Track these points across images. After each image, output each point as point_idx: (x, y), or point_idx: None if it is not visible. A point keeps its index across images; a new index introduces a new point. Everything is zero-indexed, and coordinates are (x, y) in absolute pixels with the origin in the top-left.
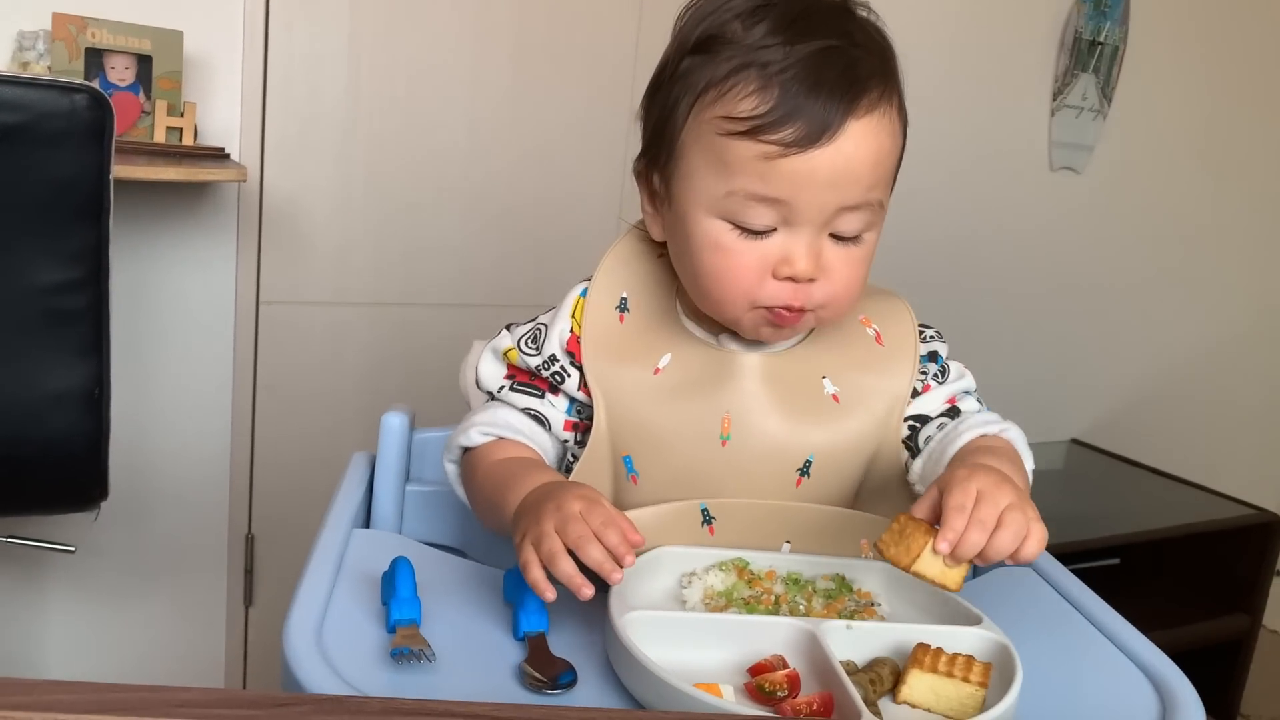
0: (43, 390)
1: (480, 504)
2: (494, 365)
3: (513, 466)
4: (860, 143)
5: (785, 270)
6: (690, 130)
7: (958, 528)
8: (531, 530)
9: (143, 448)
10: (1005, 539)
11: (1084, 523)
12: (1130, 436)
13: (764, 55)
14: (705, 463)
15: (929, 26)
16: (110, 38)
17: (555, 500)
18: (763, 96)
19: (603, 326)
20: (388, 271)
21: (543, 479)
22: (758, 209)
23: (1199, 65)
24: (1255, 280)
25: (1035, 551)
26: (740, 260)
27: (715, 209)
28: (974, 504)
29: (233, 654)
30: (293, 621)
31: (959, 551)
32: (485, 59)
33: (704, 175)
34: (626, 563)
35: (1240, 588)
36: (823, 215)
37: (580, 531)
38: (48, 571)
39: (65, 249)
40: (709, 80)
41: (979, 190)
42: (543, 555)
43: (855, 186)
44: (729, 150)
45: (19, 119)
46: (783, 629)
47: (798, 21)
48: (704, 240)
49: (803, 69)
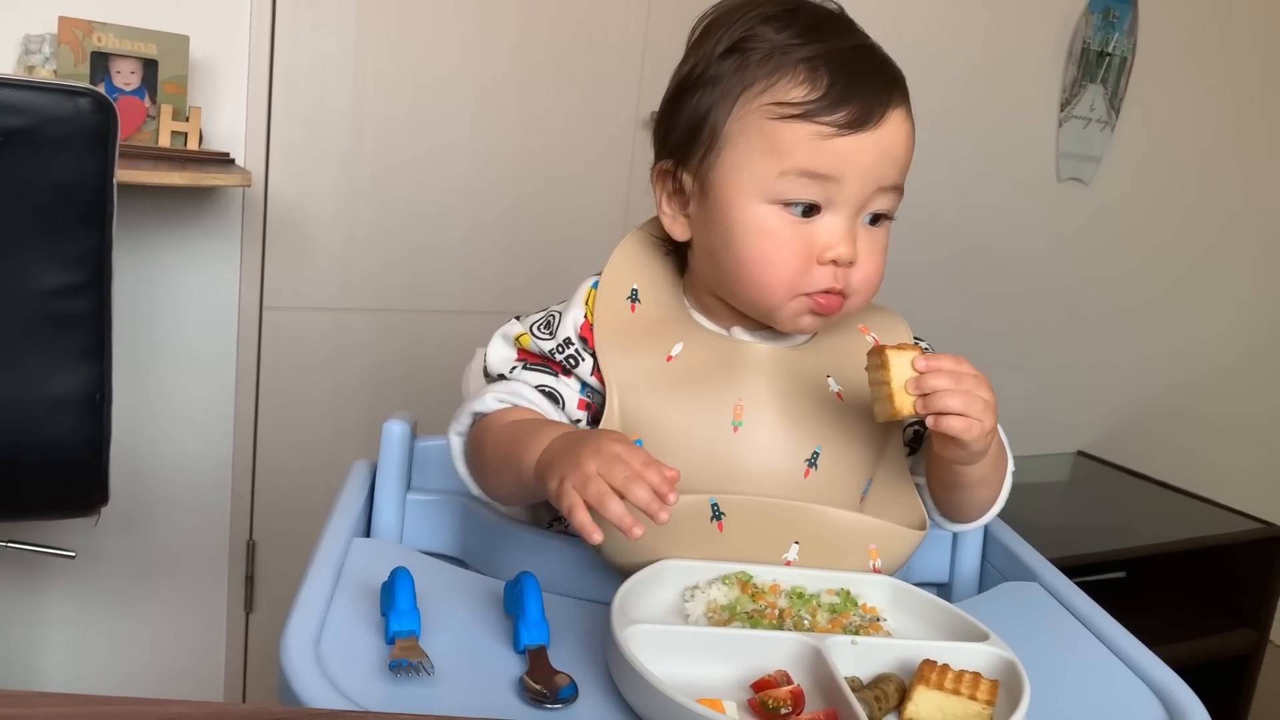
0: (44, 395)
1: (492, 464)
2: (504, 349)
3: (529, 424)
4: (899, 128)
5: (829, 254)
6: (737, 122)
7: (936, 365)
8: (572, 474)
9: (144, 452)
10: (956, 402)
11: (1090, 535)
12: (1137, 449)
13: (805, 50)
14: (717, 448)
15: (938, 37)
16: (116, 42)
17: (593, 443)
18: (814, 84)
19: (615, 315)
20: (391, 277)
21: (564, 429)
22: (808, 185)
23: (1207, 77)
24: (1263, 292)
25: (959, 429)
26: (787, 245)
27: (765, 193)
28: (963, 374)
29: (233, 660)
30: (290, 633)
31: (924, 380)
32: (490, 65)
33: (755, 161)
34: (670, 500)
35: (1247, 602)
36: (863, 195)
37: (626, 472)
38: (48, 577)
39: (68, 253)
40: (754, 75)
41: (986, 200)
42: (590, 497)
43: (894, 169)
44: (781, 133)
45: (23, 122)
46: (787, 644)
47: (824, 25)
48: (751, 226)
49: (847, 61)
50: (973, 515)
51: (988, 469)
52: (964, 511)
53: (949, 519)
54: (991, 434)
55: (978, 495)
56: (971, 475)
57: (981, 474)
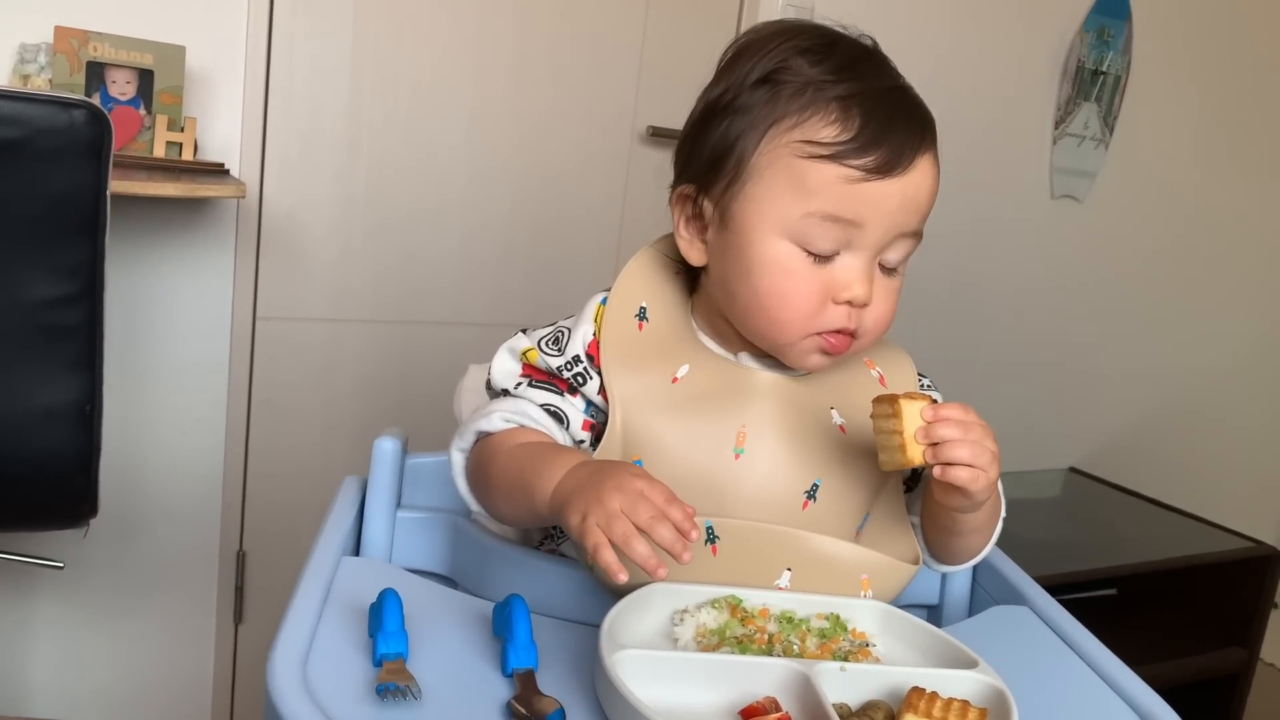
0: (34, 405)
1: (500, 487)
2: (510, 364)
3: (540, 449)
4: (927, 174)
5: (845, 295)
6: (764, 155)
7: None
8: (595, 511)
9: (135, 463)
10: (964, 452)
11: (1081, 552)
12: (1129, 466)
13: (839, 89)
14: (717, 473)
15: (932, 53)
16: (112, 52)
17: (613, 478)
18: (845, 124)
19: (622, 333)
20: (385, 289)
21: (578, 458)
22: (830, 230)
23: (1201, 95)
24: (1256, 309)
25: (966, 480)
26: (804, 284)
27: (787, 231)
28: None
29: (222, 672)
30: (277, 653)
31: (933, 429)
32: (487, 77)
33: (779, 197)
34: (693, 538)
35: (1238, 621)
36: (884, 240)
37: (650, 511)
38: (36, 587)
39: (60, 264)
40: (785, 109)
41: (980, 216)
42: (616, 537)
43: (916, 215)
44: (809, 173)
45: (17, 134)
46: (775, 670)
47: (860, 63)
48: (770, 262)
49: (881, 103)
50: (963, 559)
51: (984, 517)
52: (955, 556)
53: (939, 561)
54: (994, 485)
55: (972, 542)
56: (969, 523)
57: (979, 522)
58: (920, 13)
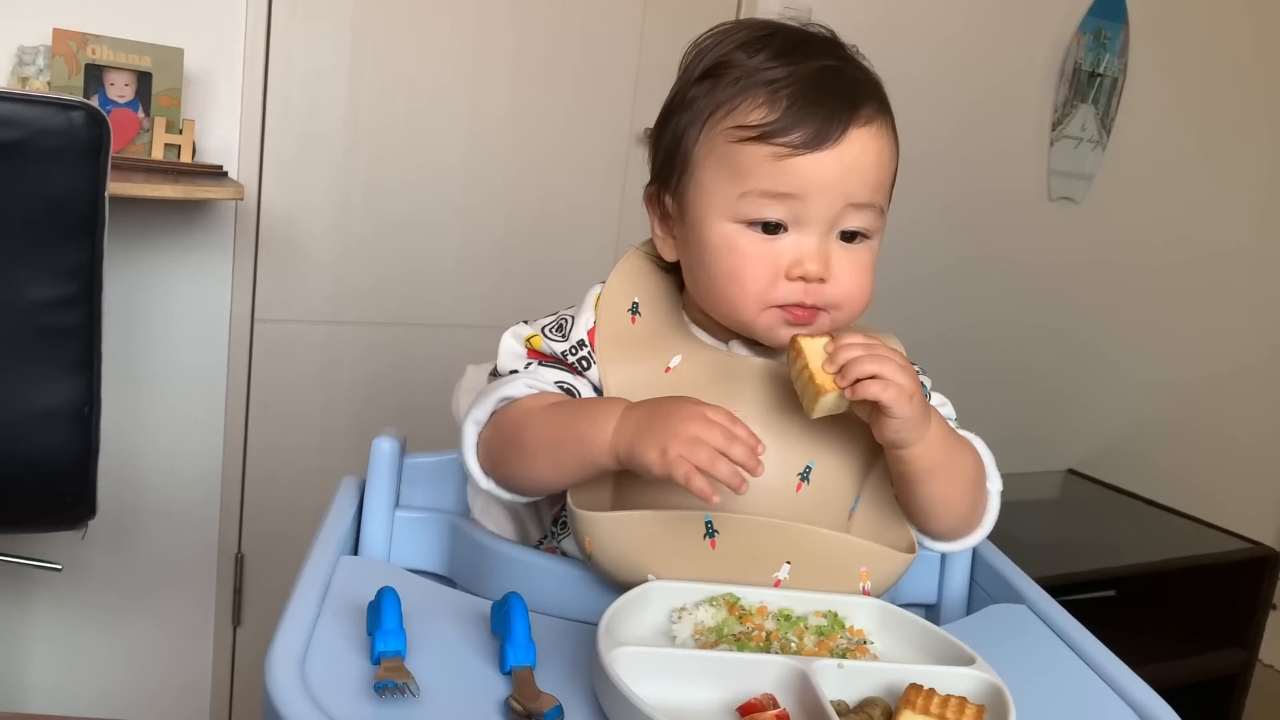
0: (31, 407)
1: (539, 446)
2: (516, 347)
3: (580, 403)
4: (864, 145)
5: (796, 270)
6: (703, 145)
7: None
8: (673, 443)
9: (133, 465)
10: (870, 366)
11: (1080, 553)
12: (1127, 467)
13: (769, 74)
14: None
15: (929, 55)
16: (111, 54)
17: (679, 410)
18: (771, 107)
19: (617, 324)
20: (383, 291)
21: (623, 404)
22: (770, 204)
23: (1197, 97)
24: (1253, 311)
25: (877, 392)
26: (753, 260)
27: (729, 212)
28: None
29: (220, 674)
30: (275, 652)
31: (837, 354)
32: (485, 80)
33: (718, 182)
34: (760, 451)
35: (1236, 622)
36: (830, 214)
37: (723, 433)
38: (34, 589)
39: (58, 265)
40: (719, 99)
41: (978, 218)
42: (703, 463)
43: (861, 186)
44: (741, 155)
45: (15, 135)
46: (773, 667)
47: (797, 48)
48: (719, 244)
49: (807, 83)
50: (940, 519)
51: (937, 454)
52: (928, 514)
53: (919, 527)
54: (914, 398)
55: (936, 491)
56: (920, 462)
57: (930, 461)
58: (917, 15)
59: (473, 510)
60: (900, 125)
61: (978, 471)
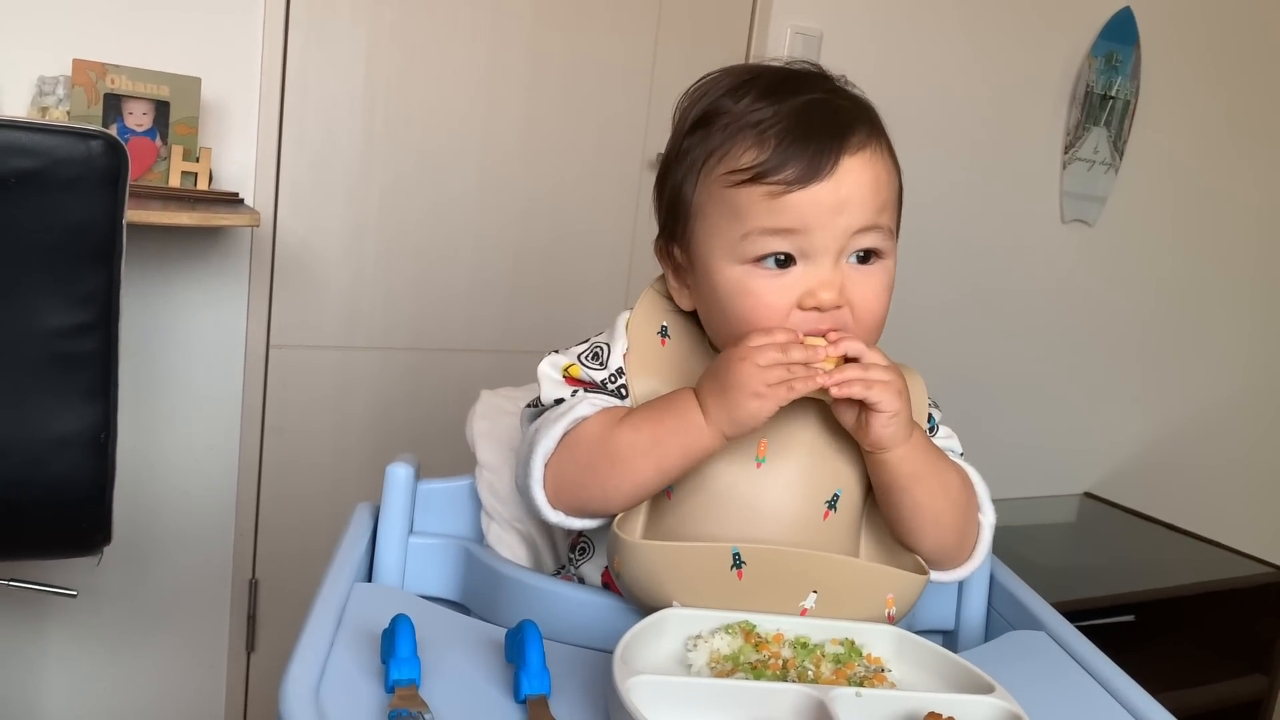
0: (48, 434)
1: (636, 450)
2: (556, 376)
3: (653, 404)
4: (858, 173)
5: (810, 301)
6: (701, 193)
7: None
8: (753, 384)
9: (149, 490)
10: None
11: (1098, 578)
12: (1145, 491)
13: (755, 115)
14: (739, 483)
15: (942, 79)
16: (129, 84)
17: (725, 363)
18: (760, 148)
19: (648, 347)
20: (398, 317)
21: (688, 391)
22: (773, 240)
23: (1209, 120)
24: (1269, 332)
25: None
26: (766, 298)
27: (736, 254)
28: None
29: (234, 701)
30: (290, 679)
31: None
32: (499, 107)
33: (720, 227)
34: (798, 337)
35: (1258, 648)
36: (837, 242)
37: (775, 351)
38: (49, 615)
39: (76, 292)
40: (711, 146)
41: (991, 241)
42: (781, 375)
43: (861, 211)
44: (739, 197)
45: (35, 164)
46: (790, 696)
47: (782, 86)
48: (730, 288)
49: (793, 119)
50: (927, 535)
51: (920, 460)
52: (915, 530)
53: (905, 543)
54: (901, 394)
55: (921, 499)
56: (904, 465)
57: (914, 465)
58: (929, 39)
59: (486, 537)
60: (913, 151)
61: (965, 494)
